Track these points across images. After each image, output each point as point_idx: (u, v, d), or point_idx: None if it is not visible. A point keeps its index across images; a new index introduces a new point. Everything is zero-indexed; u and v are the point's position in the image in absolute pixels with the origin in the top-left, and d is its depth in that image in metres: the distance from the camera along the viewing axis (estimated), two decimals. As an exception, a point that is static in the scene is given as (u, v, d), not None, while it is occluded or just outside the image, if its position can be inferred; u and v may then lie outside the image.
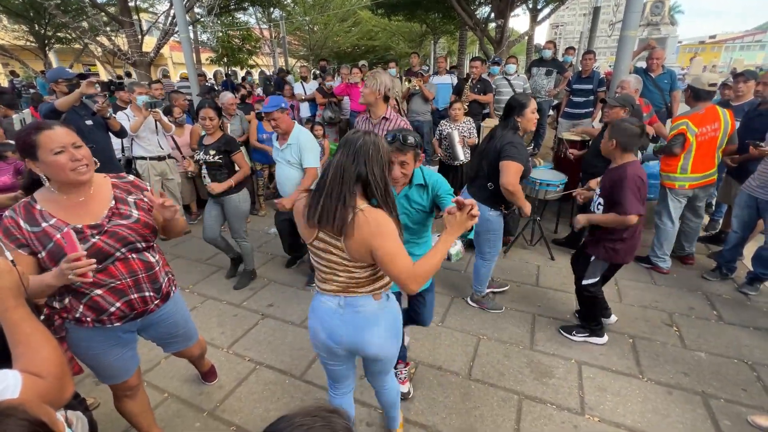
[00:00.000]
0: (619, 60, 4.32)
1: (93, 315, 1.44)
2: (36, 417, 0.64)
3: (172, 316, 1.70)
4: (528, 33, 11.35)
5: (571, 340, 2.61)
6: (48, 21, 12.11)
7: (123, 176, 1.57)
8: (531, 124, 2.56)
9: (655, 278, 3.37)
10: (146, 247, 1.52)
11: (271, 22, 17.41)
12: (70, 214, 1.37)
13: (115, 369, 1.61)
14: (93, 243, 1.36)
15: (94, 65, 19.63)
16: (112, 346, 1.55)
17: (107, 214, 1.42)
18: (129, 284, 1.47)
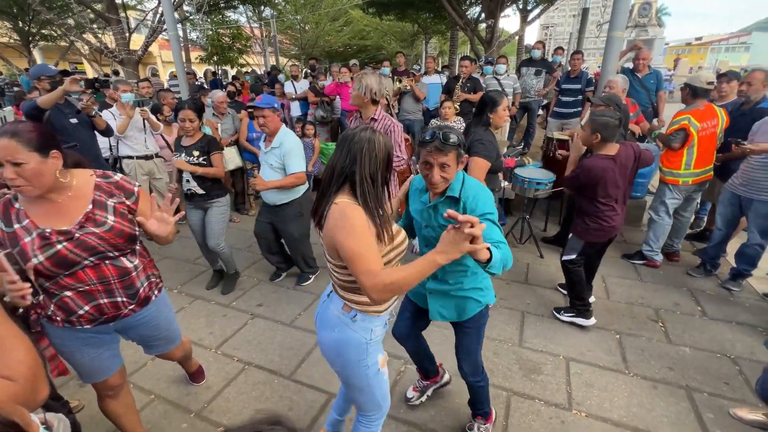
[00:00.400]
0: (607, 60, 4.37)
1: (62, 315, 1.41)
2: (7, 418, 0.63)
3: (152, 320, 1.63)
4: (518, 33, 11.43)
5: (560, 319, 2.77)
6: (32, 18, 11.87)
7: (109, 175, 1.48)
8: (501, 120, 2.63)
9: (641, 275, 3.42)
10: (121, 254, 1.45)
11: (261, 20, 17.30)
12: (44, 216, 1.32)
13: (91, 368, 1.57)
14: (57, 250, 1.29)
15: (81, 63, 19.31)
16: (86, 346, 1.52)
17: (80, 219, 1.34)
18: (99, 289, 1.41)
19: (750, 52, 44.56)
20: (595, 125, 2.38)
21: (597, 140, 2.41)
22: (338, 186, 1.24)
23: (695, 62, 29.92)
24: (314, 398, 2.20)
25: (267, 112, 2.73)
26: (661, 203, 3.41)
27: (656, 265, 3.49)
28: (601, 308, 2.96)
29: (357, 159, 1.21)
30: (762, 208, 2.88)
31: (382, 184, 1.27)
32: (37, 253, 1.28)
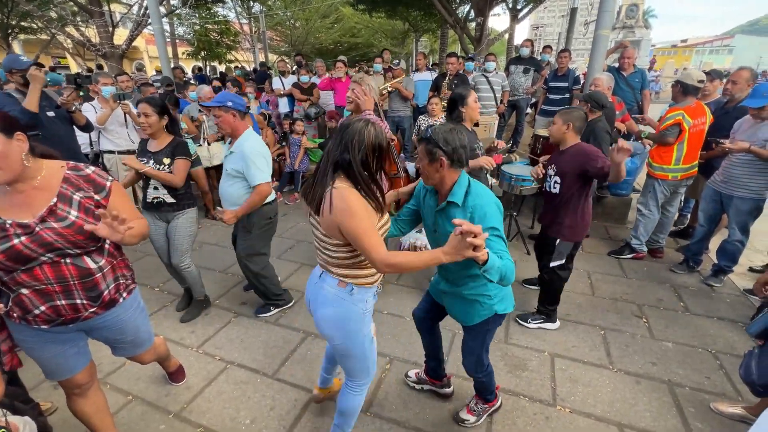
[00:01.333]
0: (593, 58, 4.41)
1: (19, 312, 1.34)
2: None
3: (117, 324, 1.55)
4: (508, 32, 11.48)
5: (528, 326, 2.70)
6: (11, 9, 11.51)
7: (80, 168, 1.40)
8: (475, 112, 2.61)
9: (626, 271, 3.45)
10: (84, 252, 1.36)
11: (251, 16, 17.08)
12: (7, 206, 1.26)
13: (55, 365, 1.50)
14: (12, 244, 1.22)
15: (64, 57, 18.84)
16: (46, 343, 1.44)
17: (43, 213, 1.27)
18: (56, 290, 1.33)
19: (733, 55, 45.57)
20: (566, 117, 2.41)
21: (569, 130, 2.43)
22: (332, 172, 1.33)
23: (680, 63, 30.47)
24: (297, 397, 2.17)
25: (218, 112, 2.40)
26: (651, 198, 3.45)
27: (642, 257, 3.57)
28: (586, 304, 2.98)
29: (348, 147, 1.30)
30: (742, 205, 2.93)
31: (376, 170, 1.36)
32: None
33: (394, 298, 3.08)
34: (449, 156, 1.45)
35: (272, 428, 1.98)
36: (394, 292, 3.16)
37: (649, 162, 3.45)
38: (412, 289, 3.21)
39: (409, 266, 1.30)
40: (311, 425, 2.00)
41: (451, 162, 1.46)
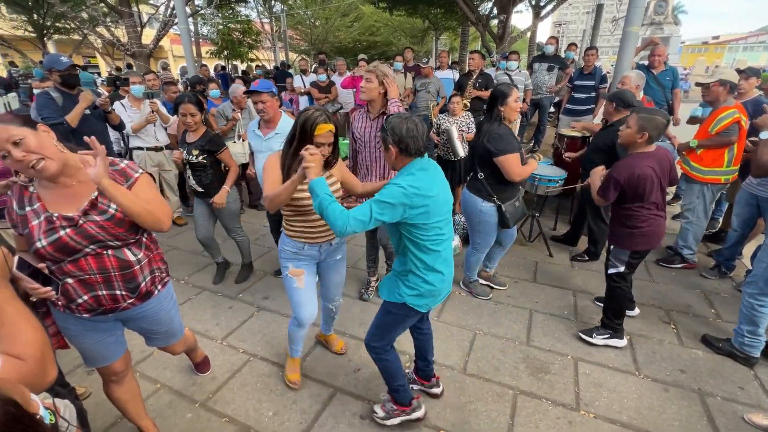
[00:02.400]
0: (622, 56, 4.28)
1: (64, 301, 1.41)
2: (8, 396, 0.63)
3: (152, 315, 1.61)
4: (530, 29, 11.27)
5: (593, 344, 2.51)
6: (46, 10, 12.02)
7: (116, 163, 1.46)
8: (513, 113, 2.55)
9: (653, 275, 3.35)
10: (124, 245, 1.42)
11: (272, 15, 17.31)
12: (54, 200, 1.33)
13: (95, 352, 1.57)
14: (59, 236, 1.30)
15: (94, 57, 19.53)
16: (87, 331, 1.51)
17: (85, 206, 1.34)
18: (98, 280, 1.40)
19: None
20: (644, 122, 2.19)
21: (642, 139, 2.22)
22: None
23: (712, 61, 29.28)
24: (318, 392, 2.19)
25: (265, 97, 2.62)
26: (700, 203, 3.25)
27: (695, 267, 3.39)
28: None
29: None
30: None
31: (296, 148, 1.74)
32: (41, 237, 1.29)
33: (413, 296, 3.08)
34: (396, 144, 1.57)
35: (294, 421, 2.01)
36: (413, 291, 3.15)
37: (694, 166, 3.23)
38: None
39: (277, 196, 1.70)
40: (333, 420, 2.02)
41: (399, 150, 1.58)
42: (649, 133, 2.19)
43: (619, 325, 2.50)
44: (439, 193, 1.60)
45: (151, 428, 1.85)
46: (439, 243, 1.64)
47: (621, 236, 2.38)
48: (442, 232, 1.65)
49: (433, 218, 1.58)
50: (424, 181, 1.55)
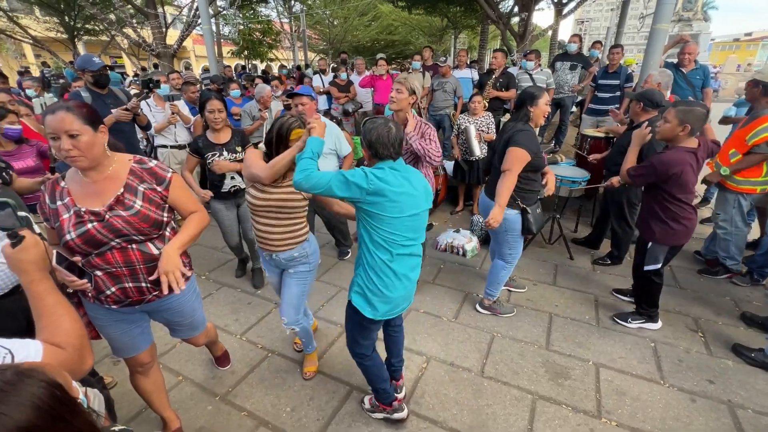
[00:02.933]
0: (649, 54, 4.15)
1: (94, 292, 1.47)
2: (54, 379, 0.66)
3: (176, 307, 1.66)
4: (552, 27, 11.03)
5: (627, 327, 2.64)
6: (77, 13, 12.46)
7: (144, 161, 1.52)
8: (542, 115, 2.46)
9: (679, 281, 3.24)
10: (147, 239, 1.47)
11: (291, 15, 17.49)
12: (82, 195, 1.39)
13: (121, 343, 1.63)
14: (87, 229, 1.36)
15: (121, 57, 20.15)
16: (116, 322, 1.58)
17: (111, 202, 1.40)
18: (124, 273, 1.45)
19: (807, 49, 41.24)
20: (683, 115, 2.19)
21: (684, 132, 2.22)
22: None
23: (744, 59, 28.06)
24: (335, 389, 2.21)
25: (305, 100, 2.75)
26: (737, 213, 3.08)
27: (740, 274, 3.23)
28: (634, 314, 2.82)
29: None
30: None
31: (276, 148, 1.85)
32: (71, 229, 1.35)
33: (431, 296, 3.07)
34: (368, 148, 1.61)
35: (311, 418, 2.03)
36: (431, 291, 3.14)
37: (730, 176, 3.04)
38: (449, 289, 3.18)
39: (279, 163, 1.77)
40: (349, 418, 2.03)
41: (371, 155, 1.62)
42: (691, 125, 2.19)
43: (654, 313, 2.60)
44: (407, 194, 1.57)
45: (173, 419, 1.90)
46: (395, 246, 1.60)
47: (663, 232, 2.38)
48: (403, 237, 1.61)
49: (391, 213, 1.56)
50: (390, 176, 1.56)
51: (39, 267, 1.01)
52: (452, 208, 4.81)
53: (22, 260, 0.99)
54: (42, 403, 0.61)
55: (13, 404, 0.59)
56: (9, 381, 0.62)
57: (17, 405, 0.59)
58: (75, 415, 0.66)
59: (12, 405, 0.59)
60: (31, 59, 18.03)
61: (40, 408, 0.61)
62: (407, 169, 1.65)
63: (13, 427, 0.58)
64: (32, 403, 0.61)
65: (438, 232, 4.05)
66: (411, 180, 1.62)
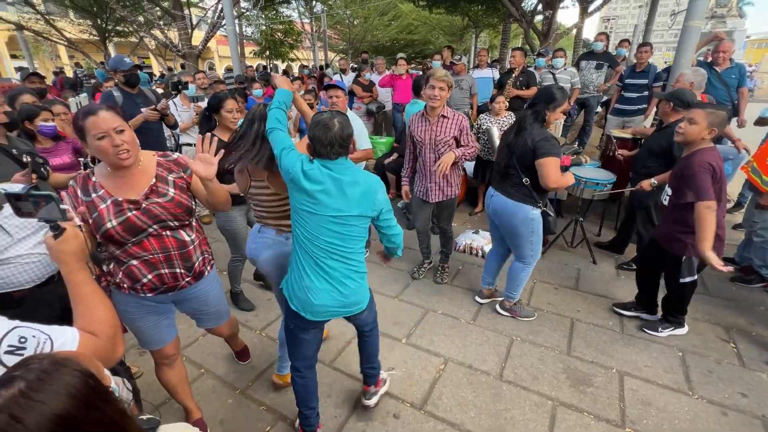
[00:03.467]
0: (681, 53, 4.00)
1: (129, 282, 1.54)
2: (88, 369, 0.68)
3: (203, 295, 1.74)
4: (577, 25, 10.76)
5: (658, 336, 2.58)
6: (109, 15, 12.94)
7: (168, 155, 1.63)
8: (554, 122, 2.48)
9: (710, 289, 3.11)
10: (180, 226, 1.57)
11: (312, 15, 17.67)
12: (116, 188, 1.48)
13: (151, 335, 1.70)
14: (128, 216, 1.45)
15: (148, 58, 20.82)
16: (147, 313, 1.65)
17: (146, 191, 1.49)
18: (161, 259, 1.54)
19: None
20: (713, 119, 2.13)
21: (710, 135, 2.16)
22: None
23: (782, 57, 26.62)
24: (352, 387, 2.22)
25: (339, 93, 2.91)
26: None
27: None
28: (661, 322, 2.73)
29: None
30: None
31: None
32: (111, 218, 1.43)
33: (448, 298, 3.04)
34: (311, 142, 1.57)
35: (329, 415, 2.05)
36: (448, 292, 3.12)
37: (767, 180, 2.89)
38: (468, 291, 3.14)
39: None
40: (366, 416, 2.04)
41: (310, 151, 1.59)
42: (717, 129, 2.14)
43: (683, 319, 2.59)
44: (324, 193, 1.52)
45: (195, 410, 1.96)
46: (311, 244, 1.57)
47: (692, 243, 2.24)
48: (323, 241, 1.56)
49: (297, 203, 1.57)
50: (316, 172, 1.53)
51: (78, 258, 1.05)
52: (471, 208, 4.76)
53: (62, 251, 1.03)
54: (76, 392, 0.63)
55: (50, 393, 0.61)
56: (45, 370, 0.64)
57: (53, 393, 0.61)
58: (107, 403, 0.68)
59: (49, 393, 0.61)
60: (65, 60, 18.85)
61: (74, 397, 0.63)
62: (345, 171, 1.55)
63: (51, 414, 0.60)
64: (67, 391, 0.62)
65: (457, 232, 4.02)
66: (342, 182, 1.54)
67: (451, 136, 2.69)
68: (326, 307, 1.63)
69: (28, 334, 0.86)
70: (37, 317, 1.58)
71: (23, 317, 1.56)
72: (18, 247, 1.55)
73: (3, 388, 0.61)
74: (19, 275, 1.58)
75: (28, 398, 0.60)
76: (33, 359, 0.67)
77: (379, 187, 1.61)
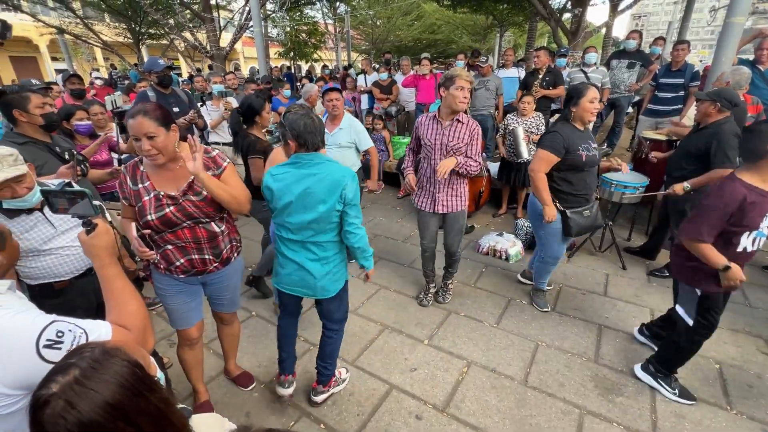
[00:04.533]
0: (721, 50, 3.82)
1: (165, 264, 1.70)
2: (135, 359, 0.71)
3: (226, 280, 1.87)
4: (607, 23, 10.44)
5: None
6: (142, 18, 13.45)
7: (209, 151, 1.71)
8: (587, 114, 2.38)
9: (750, 300, 2.95)
10: (212, 220, 1.68)
11: (336, 16, 17.83)
12: (160, 181, 1.59)
13: (181, 313, 1.83)
14: (165, 212, 1.57)
15: (177, 59, 21.53)
16: (179, 292, 1.79)
17: (184, 188, 1.60)
18: (192, 246, 1.68)
19: None
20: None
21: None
22: None
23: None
24: (375, 387, 2.23)
25: (337, 95, 3.08)
26: None
27: None
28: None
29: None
30: None
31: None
32: (151, 211, 1.57)
33: (471, 300, 3.01)
34: (296, 139, 1.66)
35: (352, 413, 2.06)
36: (471, 295, 3.08)
37: None
38: (491, 294, 3.10)
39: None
40: (389, 416, 2.04)
41: (299, 145, 1.67)
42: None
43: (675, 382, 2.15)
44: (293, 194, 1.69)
45: (203, 393, 2.09)
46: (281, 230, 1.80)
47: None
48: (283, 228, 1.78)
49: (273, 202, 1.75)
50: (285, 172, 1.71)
51: (109, 253, 1.09)
52: (495, 210, 4.69)
53: (94, 245, 1.07)
54: (125, 381, 0.66)
55: (102, 381, 0.64)
56: (96, 359, 0.67)
57: (105, 382, 0.64)
58: (153, 392, 0.70)
59: (100, 382, 0.64)
60: (100, 62, 19.70)
61: (123, 386, 0.65)
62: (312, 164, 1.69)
63: (102, 402, 0.62)
64: (117, 380, 0.65)
65: (480, 234, 3.97)
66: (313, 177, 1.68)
67: (464, 143, 2.48)
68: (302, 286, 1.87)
69: (65, 329, 0.90)
70: (75, 307, 1.69)
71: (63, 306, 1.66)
72: (61, 239, 1.65)
73: (59, 375, 0.65)
74: (60, 266, 1.67)
75: (83, 386, 0.63)
76: (86, 347, 0.71)
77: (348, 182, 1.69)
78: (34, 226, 1.57)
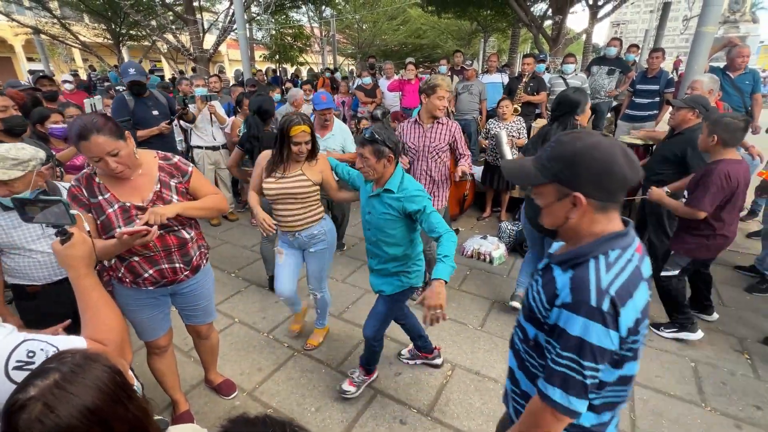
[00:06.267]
0: (693, 58, 3.96)
1: (131, 277, 1.61)
2: (115, 365, 0.69)
3: (198, 289, 1.82)
4: (587, 31, 10.72)
5: (661, 336, 2.58)
6: (122, 20, 13.18)
7: (169, 157, 1.64)
8: (585, 119, 2.54)
9: (723, 299, 3.05)
10: (182, 227, 1.64)
11: (321, 20, 17.83)
12: (121, 192, 1.51)
13: (148, 326, 1.78)
14: (135, 223, 1.48)
15: (160, 61, 21.16)
16: (145, 306, 1.72)
17: (152, 197, 1.53)
18: (162, 256, 1.60)
19: None
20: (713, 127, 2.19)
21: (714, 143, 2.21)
22: None
23: (797, 63, 26.18)
24: (360, 392, 2.21)
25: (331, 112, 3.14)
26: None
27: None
28: (673, 331, 2.68)
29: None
30: None
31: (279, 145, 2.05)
32: (120, 224, 1.47)
33: (455, 303, 3.03)
34: (395, 152, 1.73)
35: (335, 419, 2.05)
36: (456, 298, 3.10)
37: None
38: (476, 296, 3.13)
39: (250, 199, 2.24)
40: (373, 422, 2.03)
41: (395, 156, 1.75)
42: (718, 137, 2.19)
43: (686, 320, 2.53)
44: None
45: (183, 402, 2.02)
46: None
47: (690, 244, 2.37)
48: None
49: None
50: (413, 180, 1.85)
51: (86, 263, 1.04)
52: (479, 213, 4.74)
53: (69, 256, 1.02)
54: (105, 386, 0.65)
55: (82, 386, 0.63)
56: (78, 363, 0.66)
57: (85, 387, 0.64)
58: (131, 400, 0.70)
59: (81, 386, 0.63)
60: (79, 63, 19.22)
61: (103, 391, 0.65)
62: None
63: (82, 407, 0.62)
64: (96, 385, 0.65)
65: (465, 237, 4.00)
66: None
67: (445, 143, 2.64)
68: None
69: (36, 348, 0.86)
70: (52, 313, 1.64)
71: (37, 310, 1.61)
72: (43, 242, 1.63)
73: (39, 379, 0.64)
74: (34, 270, 1.64)
75: (62, 389, 0.62)
76: (66, 353, 0.70)
77: None
78: (23, 223, 1.55)
